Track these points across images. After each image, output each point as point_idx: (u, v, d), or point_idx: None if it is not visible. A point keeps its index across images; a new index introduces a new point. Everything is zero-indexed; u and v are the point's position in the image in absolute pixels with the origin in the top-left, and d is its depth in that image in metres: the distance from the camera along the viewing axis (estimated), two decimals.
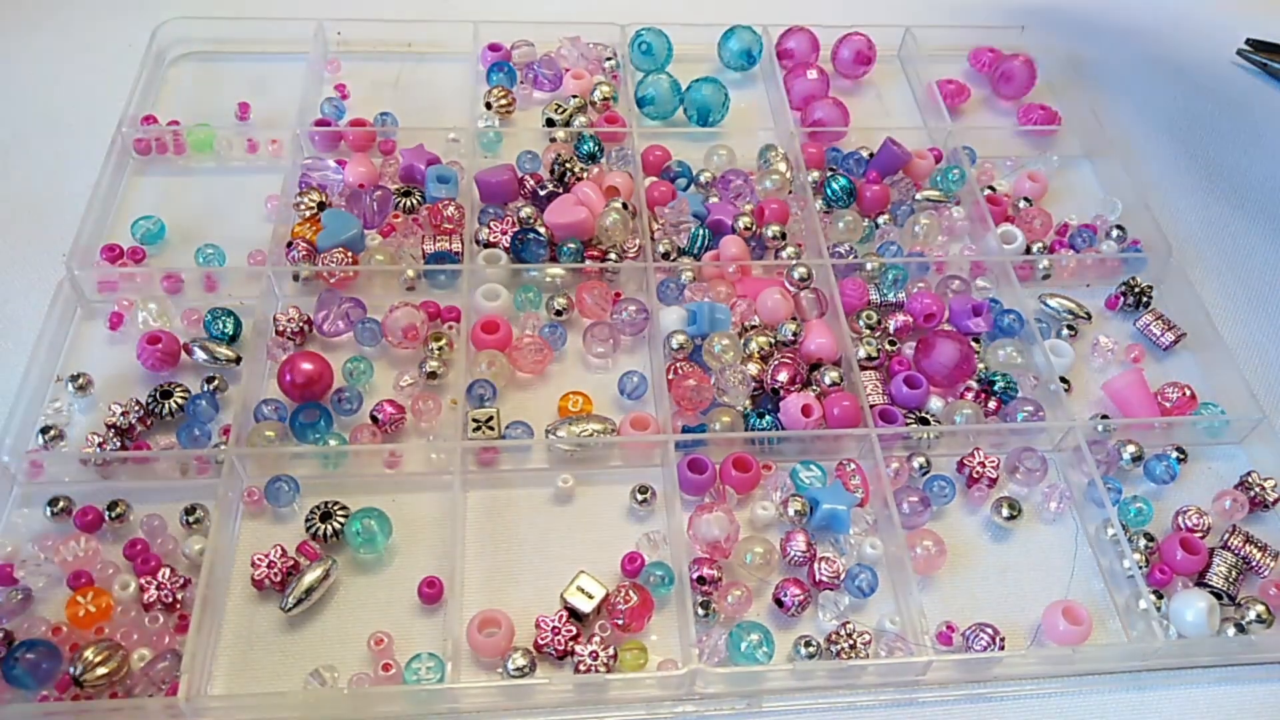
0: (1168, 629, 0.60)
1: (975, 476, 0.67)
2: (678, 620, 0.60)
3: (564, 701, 0.57)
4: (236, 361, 0.69)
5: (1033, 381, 0.72)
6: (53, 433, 0.64)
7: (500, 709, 0.57)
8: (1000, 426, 0.69)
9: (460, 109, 0.87)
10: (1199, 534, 0.65)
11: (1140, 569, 0.62)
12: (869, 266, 0.76)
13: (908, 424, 0.68)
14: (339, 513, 0.62)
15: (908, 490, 0.65)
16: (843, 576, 0.61)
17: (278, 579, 0.59)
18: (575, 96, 0.86)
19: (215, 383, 0.67)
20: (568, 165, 0.80)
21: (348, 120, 0.85)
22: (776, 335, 0.71)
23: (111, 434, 0.64)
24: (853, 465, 0.66)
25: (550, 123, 0.84)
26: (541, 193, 0.78)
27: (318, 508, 0.62)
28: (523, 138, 0.85)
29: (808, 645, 0.58)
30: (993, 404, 0.70)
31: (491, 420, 0.66)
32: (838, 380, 0.69)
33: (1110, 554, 0.64)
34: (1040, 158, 0.88)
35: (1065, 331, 0.76)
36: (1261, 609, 0.61)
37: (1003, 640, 0.59)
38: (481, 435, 0.65)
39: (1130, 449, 0.68)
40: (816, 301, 0.74)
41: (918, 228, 0.79)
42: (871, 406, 0.68)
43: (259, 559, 0.59)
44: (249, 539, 0.62)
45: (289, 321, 0.70)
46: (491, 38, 0.91)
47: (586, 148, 0.81)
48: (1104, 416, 0.71)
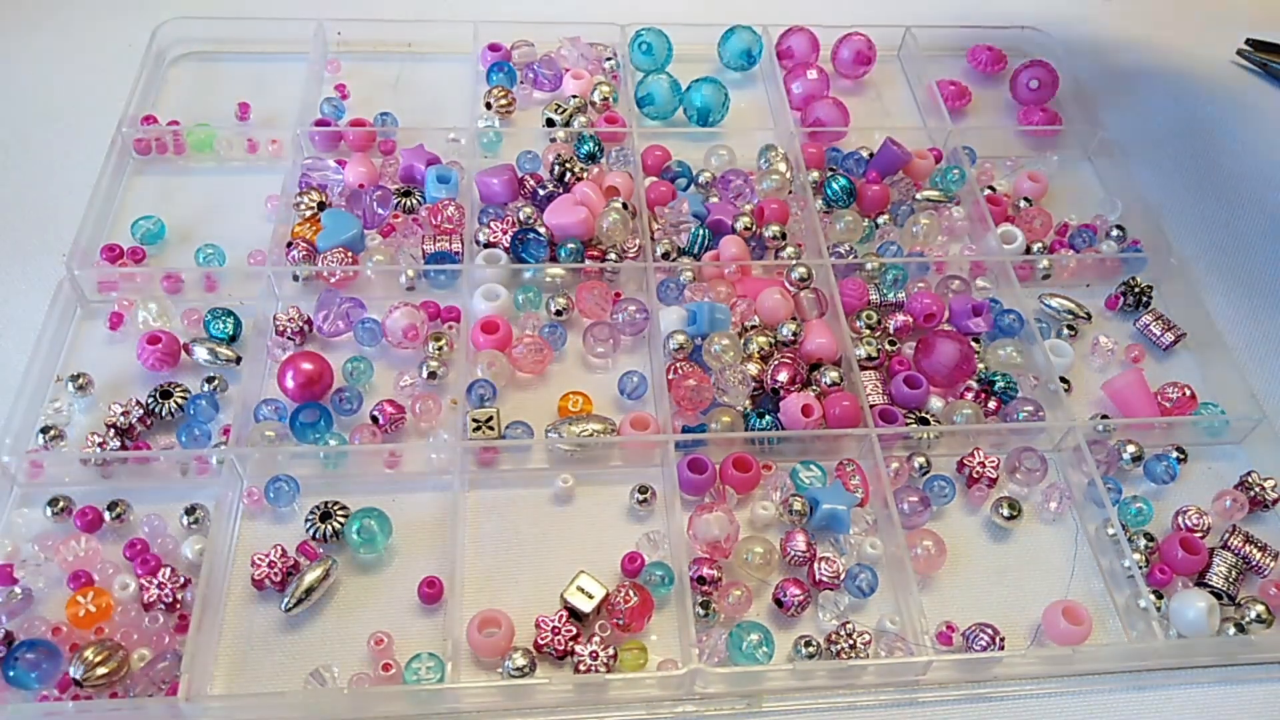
0: (1168, 629, 0.61)
1: (975, 476, 0.67)
2: (678, 620, 0.60)
3: (564, 701, 0.57)
4: (236, 361, 0.69)
5: (1033, 381, 0.72)
6: (53, 433, 0.64)
7: (500, 709, 0.57)
8: (1000, 426, 0.69)
9: (460, 109, 0.87)
10: (1199, 534, 0.65)
11: (1140, 569, 0.62)
12: (869, 266, 0.76)
13: (908, 424, 0.68)
14: (339, 513, 0.62)
15: (908, 490, 0.65)
16: (843, 576, 0.61)
17: (278, 579, 0.59)
18: (575, 96, 0.86)
19: (215, 383, 0.67)
20: (568, 165, 0.80)
21: (348, 120, 0.85)
22: (776, 335, 0.71)
23: (111, 434, 0.64)
24: (853, 465, 0.66)
25: (550, 123, 0.84)
26: (541, 193, 0.78)
27: (318, 508, 0.62)
28: (523, 138, 0.85)
29: (808, 645, 0.58)
30: (993, 404, 0.70)
31: (491, 420, 0.66)
32: (838, 380, 0.69)
33: (1110, 554, 0.64)
34: (1040, 158, 0.88)
35: (1065, 331, 0.76)
36: (1261, 609, 0.61)
37: (1003, 640, 0.59)
38: (481, 435, 0.65)
39: (1130, 449, 0.68)
40: (816, 301, 0.74)
41: (917, 228, 0.79)
42: (871, 406, 0.68)
43: (259, 559, 0.59)
44: (249, 539, 0.62)
45: (289, 321, 0.70)
46: (491, 38, 0.91)
47: (586, 148, 0.81)
48: (1104, 416, 0.71)
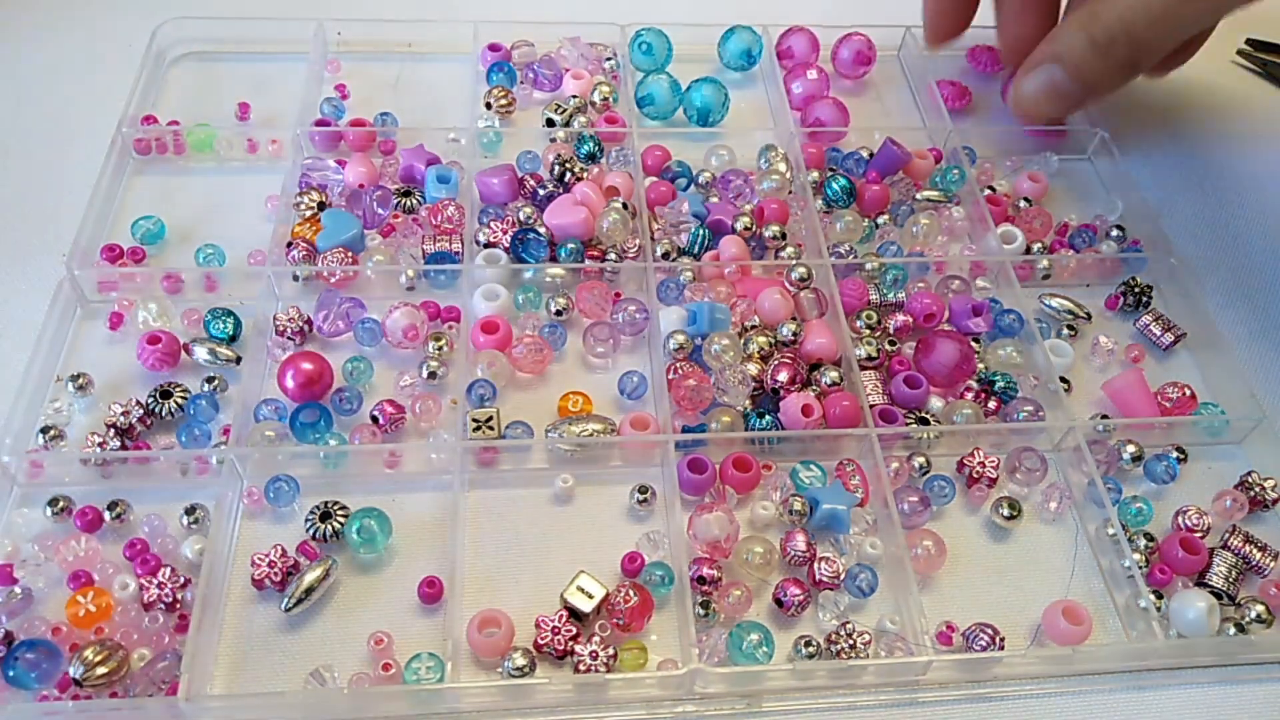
0: (1168, 629, 0.61)
1: (975, 476, 0.67)
2: (678, 620, 0.60)
3: (564, 701, 0.57)
4: (236, 361, 0.69)
5: (1033, 381, 0.72)
6: (53, 433, 0.64)
7: (500, 709, 0.57)
8: (1000, 426, 0.69)
9: (460, 109, 0.87)
10: (1199, 534, 0.65)
11: (1140, 569, 0.62)
12: (869, 266, 0.76)
13: (908, 424, 0.68)
14: (339, 513, 0.62)
15: (908, 490, 0.65)
16: (843, 576, 0.61)
17: (278, 579, 0.59)
18: (575, 96, 0.86)
19: (215, 383, 0.67)
20: (568, 165, 0.80)
21: (348, 120, 0.85)
22: (776, 335, 0.71)
23: (111, 434, 0.64)
24: (853, 465, 0.66)
25: (550, 123, 0.84)
26: (541, 193, 0.78)
27: (318, 508, 0.62)
28: (523, 138, 0.85)
29: (808, 645, 0.58)
30: (993, 404, 0.70)
31: (491, 420, 0.66)
32: (838, 380, 0.69)
33: (1110, 554, 0.64)
34: (1040, 158, 0.88)
35: (1065, 331, 0.76)
36: (1261, 609, 0.61)
37: (1003, 640, 0.59)
38: (481, 435, 0.65)
39: (1130, 449, 0.68)
40: (816, 301, 0.74)
41: (917, 228, 0.79)
42: (871, 406, 0.68)
43: (259, 559, 0.59)
44: (249, 539, 0.62)
45: (289, 321, 0.70)
46: (491, 38, 0.91)
47: (586, 148, 0.81)
48: (1104, 416, 0.71)
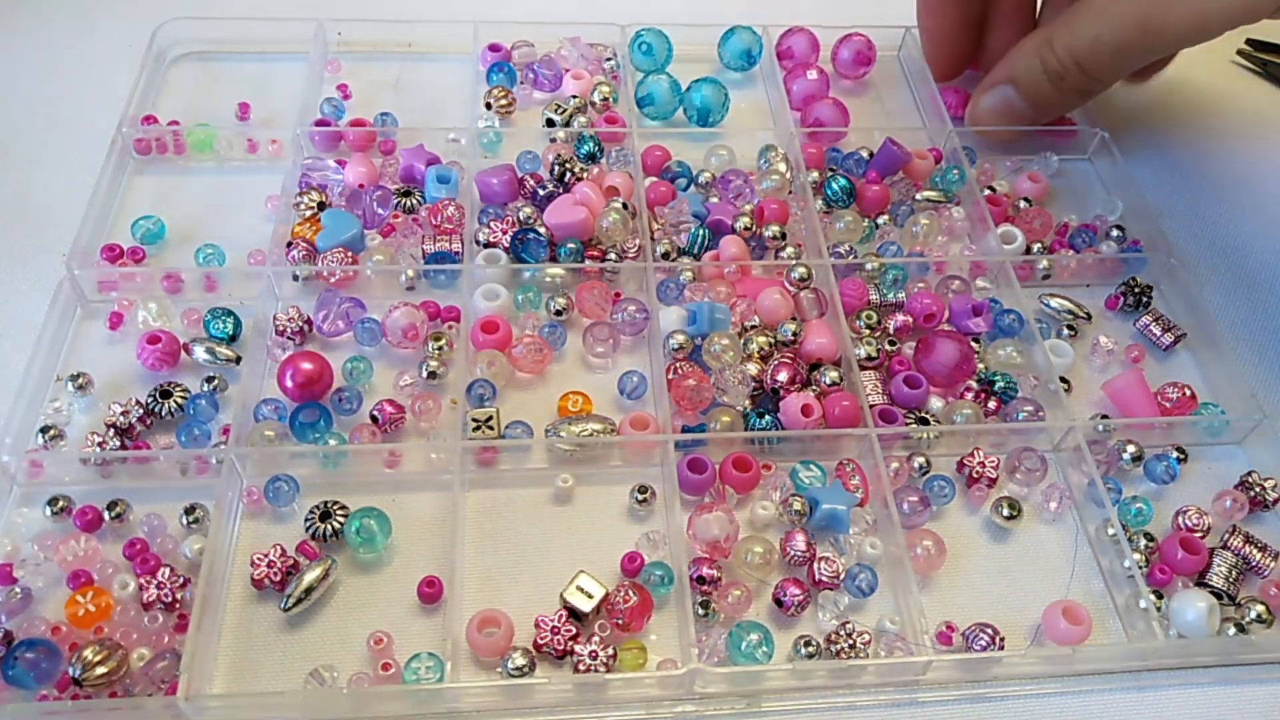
0: (1168, 629, 0.60)
1: (975, 476, 0.67)
2: (677, 620, 0.60)
3: (563, 701, 0.57)
4: (236, 361, 0.69)
5: (1033, 381, 0.72)
6: (53, 432, 0.64)
7: (500, 709, 0.57)
8: (1000, 426, 0.69)
9: (460, 109, 0.87)
10: (1199, 534, 0.65)
11: (1140, 569, 0.62)
12: (869, 266, 0.76)
13: (908, 424, 0.68)
14: (339, 512, 0.62)
15: (908, 490, 0.65)
16: (842, 576, 0.61)
17: (278, 579, 0.59)
18: (575, 96, 0.86)
19: (215, 383, 0.67)
20: (568, 165, 0.80)
21: (348, 120, 0.85)
22: (776, 335, 0.71)
23: (111, 434, 0.64)
24: (852, 465, 0.66)
25: (550, 123, 0.84)
26: (541, 193, 0.78)
27: (317, 507, 0.62)
28: (523, 138, 0.85)
29: (808, 645, 0.58)
30: (993, 404, 0.70)
31: (491, 420, 0.66)
32: (838, 380, 0.69)
33: (1110, 554, 0.64)
34: (1040, 158, 0.88)
35: (1065, 331, 0.76)
36: (1261, 609, 0.61)
37: (1003, 640, 0.59)
38: (481, 435, 0.65)
39: (1130, 449, 0.68)
40: (816, 301, 0.74)
41: (917, 228, 0.79)
42: (871, 406, 0.68)
43: (259, 559, 0.59)
44: (249, 539, 0.62)
45: (289, 321, 0.70)
46: (491, 38, 0.91)
47: (586, 148, 0.81)
48: (1104, 416, 0.71)
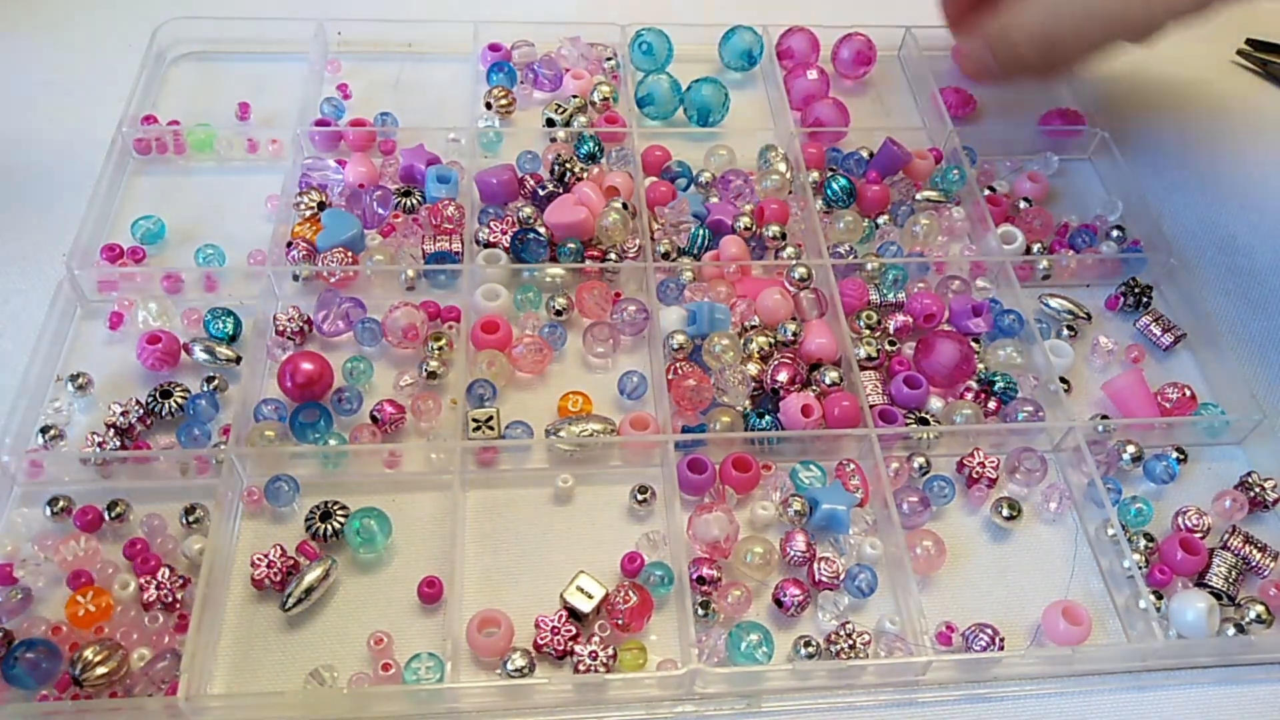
0: (1168, 629, 0.60)
1: (975, 476, 0.67)
2: (677, 620, 0.60)
3: (563, 701, 0.57)
4: (236, 361, 0.69)
5: (1033, 381, 0.72)
6: (53, 432, 0.64)
7: (500, 709, 0.57)
8: (1000, 426, 0.69)
9: (460, 109, 0.87)
10: (1199, 534, 0.65)
11: (1140, 569, 0.62)
12: (869, 266, 0.76)
13: (908, 424, 0.68)
14: (339, 512, 0.62)
15: (907, 490, 0.65)
16: (842, 576, 0.61)
17: (278, 579, 0.59)
18: (575, 96, 0.86)
19: (215, 382, 0.67)
20: (568, 165, 0.80)
21: (348, 120, 0.85)
22: (776, 335, 0.71)
23: (111, 434, 0.64)
24: (852, 465, 0.66)
25: (550, 123, 0.84)
26: (541, 193, 0.78)
27: (317, 507, 0.62)
28: (523, 138, 0.85)
29: (807, 645, 0.58)
30: (993, 404, 0.70)
31: (491, 420, 0.66)
32: (838, 380, 0.69)
33: (1110, 554, 0.64)
34: (1040, 158, 0.87)
35: (1065, 331, 0.76)
36: (1261, 609, 0.61)
37: (1002, 640, 0.59)
38: (481, 435, 0.65)
39: (1130, 449, 0.68)
40: (816, 301, 0.74)
41: (917, 228, 0.79)
42: (871, 406, 0.68)
43: (259, 559, 0.59)
44: (249, 539, 0.62)
45: (289, 321, 0.70)
46: (491, 38, 0.91)
47: (586, 148, 0.81)
48: (1104, 416, 0.71)
